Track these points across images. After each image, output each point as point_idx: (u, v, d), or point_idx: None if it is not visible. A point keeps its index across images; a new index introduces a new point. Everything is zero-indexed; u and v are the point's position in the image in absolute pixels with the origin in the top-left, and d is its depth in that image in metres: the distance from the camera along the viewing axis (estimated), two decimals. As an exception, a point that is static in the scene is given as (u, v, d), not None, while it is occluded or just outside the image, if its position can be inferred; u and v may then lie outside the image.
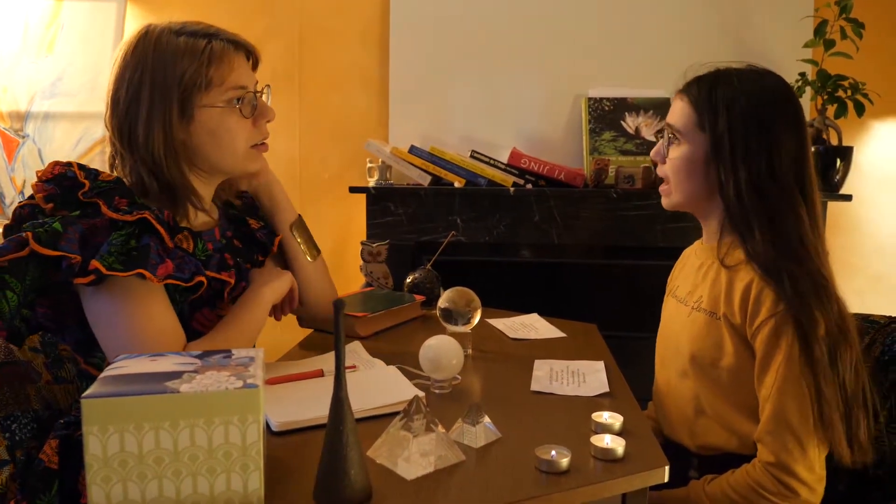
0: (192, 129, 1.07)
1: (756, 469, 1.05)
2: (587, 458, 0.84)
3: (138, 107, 1.04)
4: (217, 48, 1.07)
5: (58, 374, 1.15)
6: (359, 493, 0.73)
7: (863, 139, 2.33)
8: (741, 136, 1.11)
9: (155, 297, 1.01)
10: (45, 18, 2.49)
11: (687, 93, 1.20)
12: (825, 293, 1.05)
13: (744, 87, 1.14)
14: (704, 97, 1.16)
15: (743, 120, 1.12)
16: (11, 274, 0.95)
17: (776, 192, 1.10)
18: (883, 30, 2.22)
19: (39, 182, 1.01)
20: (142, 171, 1.06)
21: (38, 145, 2.49)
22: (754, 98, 1.13)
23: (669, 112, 1.23)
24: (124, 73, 1.06)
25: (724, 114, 1.13)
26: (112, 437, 0.66)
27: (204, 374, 0.72)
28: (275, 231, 1.31)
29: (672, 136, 1.21)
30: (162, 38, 1.06)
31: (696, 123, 1.16)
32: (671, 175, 1.21)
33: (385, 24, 2.42)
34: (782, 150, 1.11)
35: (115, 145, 1.08)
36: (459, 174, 2.19)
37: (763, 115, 1.12)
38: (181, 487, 0.68)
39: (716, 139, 1.13)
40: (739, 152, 1.11)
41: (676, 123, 1.20)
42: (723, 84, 1.16)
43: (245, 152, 1.13)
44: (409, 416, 0.83)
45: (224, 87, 1.08)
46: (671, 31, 2.31)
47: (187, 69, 1.04)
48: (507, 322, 1.52)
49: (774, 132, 1.12)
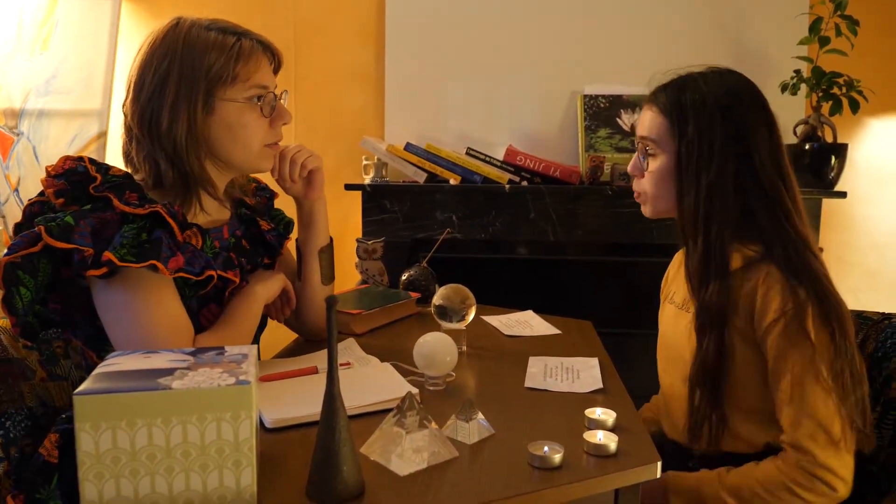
0: (211, 121, 1.08)
1: (790, 465, 1.03)
2: (580, 454, 0.84)
3: (163, 94, 1.05)
4: (246, 46, 1.09)
5: (52, 371, 1.15)
6: (352, 490, 0.73)
7: (858, 136, 2.34)
8: (717, 136, 1.10)
9: (166, 289, 1.01)
10: (40, 15, 2.48)
11: (655, 102, 1.18)
12: (829, 283, 1.06)
13: (710, 89, 1.13)
14: (673, 102, 1.14)
15: (714, 120, 1.11)
16: (24, 270, 0.95)
17: (759, 191, 1.10)
18: (878, 27, 2.23)
19: (49, 177, 1.02)
20: (159, 159, 1.06)
21: (32, 143, 2.48)
22: (723, 97, 1.12)
23: (639, 125, 1.22)
24: (151, 60, 1.07)
25: (693, 116, 1.12)
26: (104, 434, 0.66)
27: (196, 371, 0.72)
28: (304, 245, 1.30)
29: (647, 148, 1.19)
30: (192, 30, 1.07)
31: (668, 131, 1.15)
32: (651, 188, 1.19)
33: (381, 21, 2.42)
34: (760, 146, 1.10)
35: (133, 131, 1.08)
36: (455, 171, 2.19)
37: (735, 114, 1.11)
38: (174, 484, 0.68)
39: (688, 142, 1.12)
40: (717, 153, 1.10)
41: (650, 134, 1.18)
42: (689, 88, 1.14)
43: (259, 150, 1.14)
44: (403, 413, 0.83)
45: (248, 84, 1.09)
46: (666, 29, 2.31)
47: (215, 62, 1.06)
48: (502, 319, 1.53)
49: (747, 129, 1.11)
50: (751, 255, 1.10)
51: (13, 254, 0.94)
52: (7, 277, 0.94)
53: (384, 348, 1.28)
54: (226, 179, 1.18)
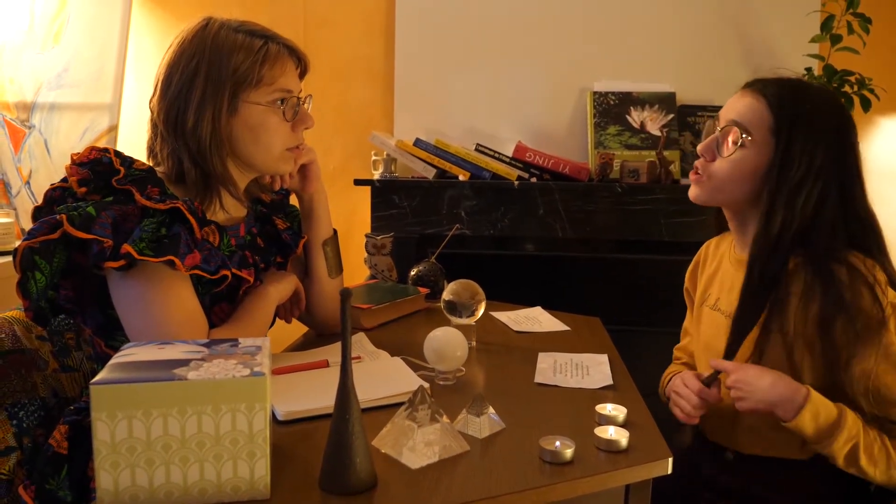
0: (234, 122, 1.09)
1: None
2: (591, 450, 0.85)
3: (190, 93, 1.06)
4: (273, 49, 1.10)
5: (64, 363, 1.15)
6: (364, 482, 0.74)
7: (869, 135, 2.32)
8: (823, 154, 1.05)
9: (182, 283, 1.02)
10: (52, 9, 2.49)
11: (762, 91, 1.09)
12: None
13: (823, 103, 1.08)
14: (788, 102, 1.07)
15: (825, 138, 1.06)
16: (41, 255, 0.96)
17: (859, 218, 1.08)
18: (890, 25, 2.21)
19: (74, 165, 1.03)
20: (183, 157, 1.08)
21: (44, 136, 2.49)
22: (833, 117, 1.07)
23: (733, 107, 1.12)
24: (179, 59, 1.08)
25: (805, 126, 1.05)
26: (120, 424, 0.67)
27: (211, 362, 0.73)
28: (307, 238, 1.30)
29: (740, 135, 1.09)
30: (221, 31, 1.08)
31: (771, 128, 1.08)
32: (724, 175, 1.11)
33: (391, 16, 2.42)
34: (861, 172, 1.08)
35: (158, 127, 1.10)
36: (464, 167, 2.19)
37: (843, 138, 1.07)
38: (188, 474, 0.69)
39: (792, 152, 1.05)
40: (822, 172, 1.05)
41: (745, 121, 1.09)
42: (804, 94, 1.08)
43: (280, 153, 1.15)
44: (414, 407, 0.84)
45: (272, 87, 1.10)
46: (677, 26, 2.30)
47: (242, 63, 1.07)
48: (511, 315, 1.53)
49: (856, 152, 1.08)
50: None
51: (32, 239, 0.95)
52: (24, 262, 0.96)
53: (393, 343, 1.28)
54: (247, 179, 1.19)
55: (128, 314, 1.00)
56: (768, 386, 1.02)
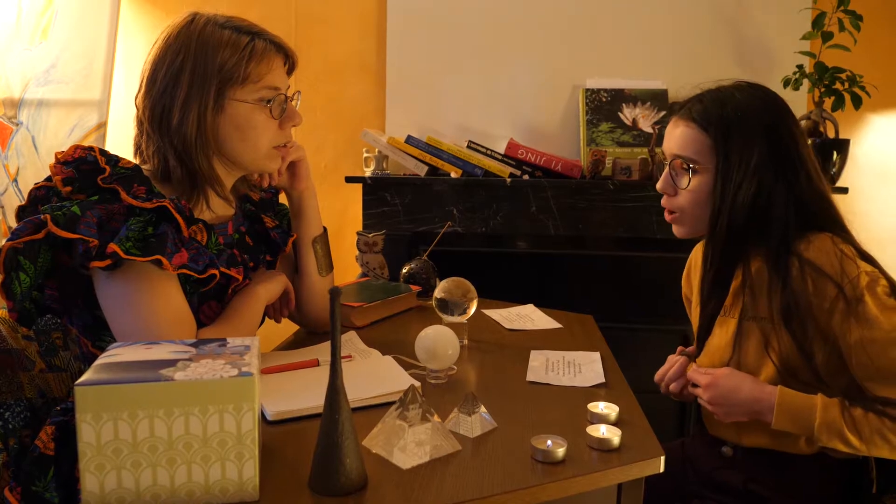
0: (220, 119, 1.08)
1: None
2: (583, 448, 0.84)
3: (176, 90, 1.05)
4: (259, 46, 1.08)
5: (51, 363, 1.14)
6: (354, 482, 0.73)
7: (860, 132, 2.33)
8: (763, 153, 1.07)
9: (170, 283, 1.01)
10: (40, 4, 2.46)
11: (690, 116, 1.12)
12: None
13: (750, 104, 1.09)
14: (716, 117, 1.09)
15: (758, 137, 1.07)
16: (25, 255, 0.95)
17: (813, 205, 1.08)
18: (881, 22, 2.22)
19: (58, 164, 1.01)
20: (168, 155, 1.06)
21: (31, 133, 2.47)
22: (764, 114, 1.09)
23: (671, 141, 1.15)
24: (165, 55, 1.06)
25: (738, 133, 1.07)
26: (106, 425, 0.66)
27: (199, 363, 0.72)
28: (296, 236, 1.30)
29: (687, 167, 1.12)
30: (207, 27, 1.06)
31: (711, 148, 1.10)
32: (689, 207, 1.14)
33: (382, 13, 2.41)
34: (806, 161, 1.09)
35: (144, 125, 1.08)
36: (456, 165, 2.18)
37: (779, 131, 1.08)
38: (175, 476, 0.68)
39: (731, 160, 1.07)
40: (760, 170, 1.07)
41: (687, 152, 1.12)
42: (729, 102, 1.10)
43: (266, 151, 1.14)
44: (405, 406, 0.83)
45: (259, 84, 1.09)
46: (669, 23, 2.29)
47: (227, 60, 1.05)
48: (504, 313, 1.52)
49: (794, 146, 1.09)
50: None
51: (16, 239, 0.93)
52: (8, 262, 0.94)
53: (384, 341, 1.27)
54: (233, 178, 1.17)
55: (114, 314, 0.99)
56: (746, 399, 1.06)
